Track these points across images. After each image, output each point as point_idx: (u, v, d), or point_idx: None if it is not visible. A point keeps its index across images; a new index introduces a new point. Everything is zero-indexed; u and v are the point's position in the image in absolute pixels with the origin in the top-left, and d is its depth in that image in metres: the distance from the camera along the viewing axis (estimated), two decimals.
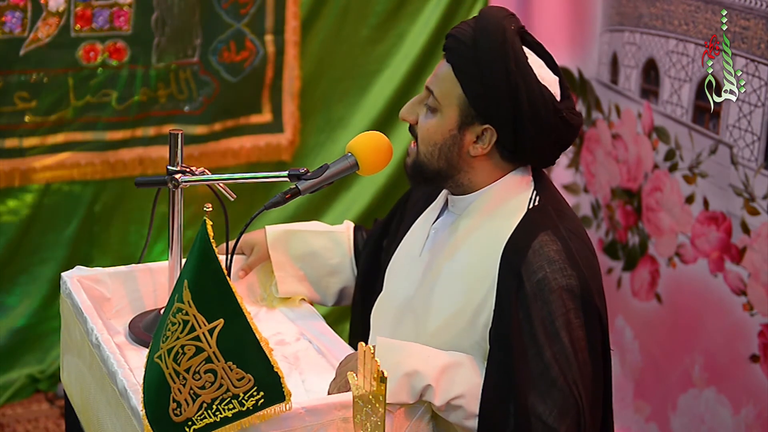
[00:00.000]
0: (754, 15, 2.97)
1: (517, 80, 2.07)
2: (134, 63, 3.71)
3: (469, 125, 2.12)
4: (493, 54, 2.07)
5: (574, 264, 2.07)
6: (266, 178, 2.26)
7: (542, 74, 2.12)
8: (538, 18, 3.84)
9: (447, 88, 2.13)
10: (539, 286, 2.04)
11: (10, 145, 3.65)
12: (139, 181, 2.40)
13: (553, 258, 2.05)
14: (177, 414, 1.91)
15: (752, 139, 3.03)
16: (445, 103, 2.13)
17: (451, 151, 2.14)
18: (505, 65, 2.07)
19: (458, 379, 2.07)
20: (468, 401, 2.07)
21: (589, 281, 2.09)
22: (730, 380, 3.20)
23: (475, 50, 2.09)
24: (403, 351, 2.08)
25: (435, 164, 2.16)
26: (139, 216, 3.86)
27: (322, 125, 4.08)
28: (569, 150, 3.83)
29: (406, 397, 2.05)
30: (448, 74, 2.13)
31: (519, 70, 2.07)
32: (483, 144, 2.13)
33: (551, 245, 2.07)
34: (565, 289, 2.05)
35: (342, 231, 2.58)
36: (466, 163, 2.16)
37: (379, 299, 2.35)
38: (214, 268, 1.91)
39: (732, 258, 3.15)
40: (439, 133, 2.14)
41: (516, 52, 2.08)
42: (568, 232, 2.11)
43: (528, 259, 2.05)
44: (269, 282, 2.59)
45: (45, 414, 3.76)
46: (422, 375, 2.04)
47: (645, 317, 3.52)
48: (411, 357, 2.06)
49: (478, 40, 2.09)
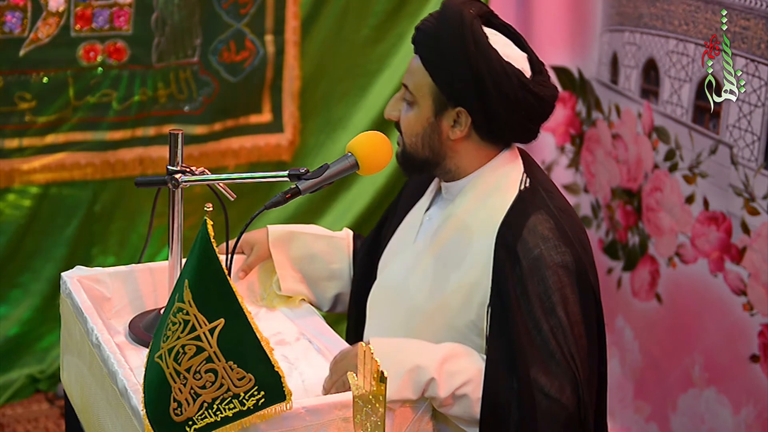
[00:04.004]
0: (754, 15, 2.97)
1: (478, 62, 2.14)
2: (134, 63, 3.71)
3: (443, 111, 2.20)
4: (452, 39, 2.15)
5: (567, 241, 2.13)
6: (266, 178, 2.26)
7: (507, 52, 2.19)
8: (538, 18, 3.84)
9: (419, 80, 2.21)
10: (535, 263, 2.10)
11: (10, 145, 3.65)
12: (139, 181, 2.41)
13: (547, 236, 2.12)
14: (178, 414, 1.91)
15: (752, 139, 3.03)
16: (420, 94, 2.21)
17: (432, 138, 2.22)
18: (464, 48, 2.14)
19: (459, 368, 2.10)
20: (473, 388, 2.10)
21: (582, 257, 2.15)
22: (730, 380, 3.20)
23: (437, 39, 2.18)
24: (401, 348, 2.11)
25: (420, 153, 2.24)
26: (139, 216, 3.86)
27: (322, 125, 4.08)
28: (569, 150, 3.83)
29: (410, 393, 2.07)
30: (418, 67, 2.21)
31: (478, 50, 2.14)
32: (460, 127, 2.20)
33: (545, 224, 2.13)
34: (560, 266, 2.11)
35: (342, 237, 2.60)
36: (450, 149, 2.23)
37: (374, 288, 2.38)
38: (214, 268, 1.91)
39: (732, 258, 3.15)
40: (419, 124, 2.22)
41: (474, 33, 2.15)
42: (559, 210, 2.18)
43: (523, 238, 2.11)
44: (269, 282, 2.59)
45: (45, 414, 3.76)
46: (424, 369, 2.06)
47: (645, 317, 3.52)
48: (410, 353, 2.09)
49: (439, 28, 2.18)
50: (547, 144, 3.86)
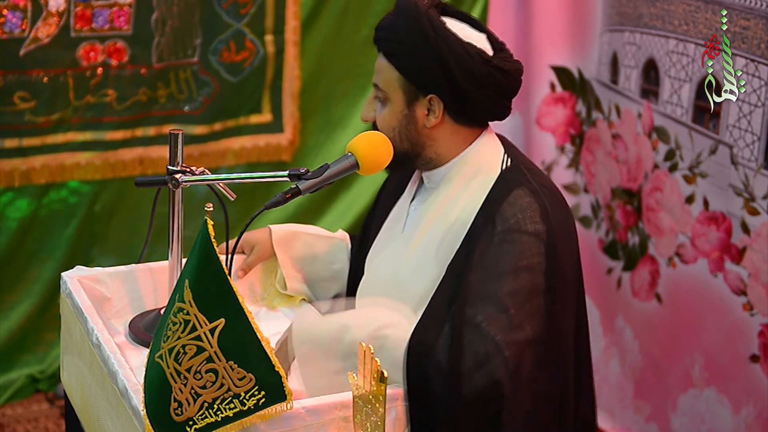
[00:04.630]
0: (754, 15, 2.97)
1: (438, 44, 2.19)
2: (134, 63, 3.71)
3: (415, 101, 2.25)
4: (410, 29, 2.22)
5: (545, 217, 2.17)
6: (266, 178, 2.27)
7: (466, 34, 2.25)
8: (538, 18, 3.84)
9: (386, 76, 2.27)
10: (510, 229, 2.14)
11: (10, 145, 3.65)
12: (139, 181, 2.41)
13: (525, 207, 2.16)
14: (178, 413, 1.91)
15: (752, 139, 3.03)
16: (390, 90, 2.27)
17: (408, 130, 2.27)
18: (424, 34, 2.20)
19: (381, 315, 2.17)
20: (394, 331, 2.13)
21: (556, 232, 2.17)
22: (730, 380, 3.20)
23: (396, 32, 2.24)
24: (326, 319, 2.21)
25: (400, 147, 2.27)
26: (139, 216, 3.86)
27: (322, 125, 4.08)
28: (569, 150, 3.83)
29: (336, 351, 2.13)
30: (383, 64, 2.27)
31: (437, 34, 2.20)
32: (434, 114, 2.25)
33: (525, 198, 2.18)
34: (533, 234, 2.14)
35: (342, 238, 2.61)
36: (428, 137, 2.27)
37: (362, 282, 2.40)
38: (215, 268, 1.92)
39: (732, 258, 3.15)
40: (394, 118, 2.27)
41: (431, 20, 2.21)
42: (542, 186, 2.22)
43: (502, 209, 2.17)
44: (270, 282, 2.59)
45: (45, 414, 3.76)
46: (348, 326, 2.14)
47: (645, 317, 3.52)
48: (334, 319, 2.18)
49: (396, 22, 2.24)
50: (547, 144, 3.86)
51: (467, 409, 2.04)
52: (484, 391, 2.04)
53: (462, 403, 2.03)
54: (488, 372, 2.04)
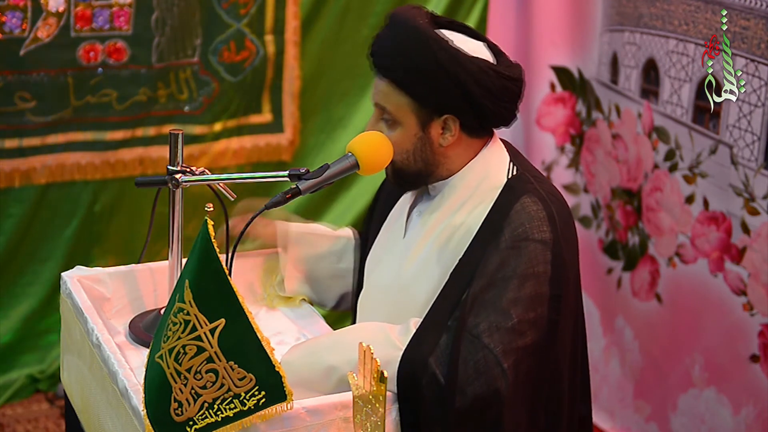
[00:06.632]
0: (754, 15, 2.97)
1: (452, 66, 2.15)
2: (134, 63, 3.71)
3: (430, 123, 2.21)
4: (419, 56, 2.16)
5: (552, 224, 2.15)
6: (266, 178, 2.27)
7: (470, 47, 2.20)
8: (538, 18, 3.84)
9: (396, 101, 2.20)
10: (518, 237, 2.12)
11: (10, 145, 3.65)
12: (139, 181, 2.41)
13: (533, 216, 2.15)
14: (178, 414, 1.91)
15: (752, 139, 3.03)
16: (401, 114, 2.21)
17: (424, 151, 2.23)
18: (435, 59, 2.15)
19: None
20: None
21: (562, 241, 2.16)
22: (730, 380, 3.20)
23: (405, 58, 2.17)
24: (314, 351, 2.16)
25: (413, 167, 2.24)
26: (139, 216, 3.86)
27: (322, 125, 4.08)
28: (569, 150, 3.83)
29: (329, 390, 2.11)
30: (391, 89, 2.20)
31: (449, 56, 2.15)
32: (451, 132, 2.21)
33: (533, 206, 2.16)
34: (540, 242, 2.12)
35: (349, 237, 2.59)
36: (442, 155, 2.24)
37: (364, 290, 2.39)
38: (215, 268, 1.92)
39: (732, 258, 3.15)
40: (408, 141, 2.22)
41: (437, 41, 2.16)
42: (549, 195, 2.21)
43: (510, 217, 2.15)
44: (269, 282, 2.59)
45: (45, 414, 3.76)
46: (336, 368, 2.11)
47: (645, 317, 3.52)
48: (322, 354, 2.15)
49: (401, 48, 2.18)
50: (547, 144, 3.86)
51: (460, 421, 2.04)
52: (481, 399, 2.05)
53: (454, 415, 2.04)
54: (487, 381, 2.05)
